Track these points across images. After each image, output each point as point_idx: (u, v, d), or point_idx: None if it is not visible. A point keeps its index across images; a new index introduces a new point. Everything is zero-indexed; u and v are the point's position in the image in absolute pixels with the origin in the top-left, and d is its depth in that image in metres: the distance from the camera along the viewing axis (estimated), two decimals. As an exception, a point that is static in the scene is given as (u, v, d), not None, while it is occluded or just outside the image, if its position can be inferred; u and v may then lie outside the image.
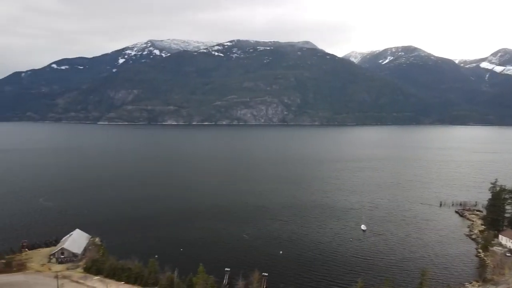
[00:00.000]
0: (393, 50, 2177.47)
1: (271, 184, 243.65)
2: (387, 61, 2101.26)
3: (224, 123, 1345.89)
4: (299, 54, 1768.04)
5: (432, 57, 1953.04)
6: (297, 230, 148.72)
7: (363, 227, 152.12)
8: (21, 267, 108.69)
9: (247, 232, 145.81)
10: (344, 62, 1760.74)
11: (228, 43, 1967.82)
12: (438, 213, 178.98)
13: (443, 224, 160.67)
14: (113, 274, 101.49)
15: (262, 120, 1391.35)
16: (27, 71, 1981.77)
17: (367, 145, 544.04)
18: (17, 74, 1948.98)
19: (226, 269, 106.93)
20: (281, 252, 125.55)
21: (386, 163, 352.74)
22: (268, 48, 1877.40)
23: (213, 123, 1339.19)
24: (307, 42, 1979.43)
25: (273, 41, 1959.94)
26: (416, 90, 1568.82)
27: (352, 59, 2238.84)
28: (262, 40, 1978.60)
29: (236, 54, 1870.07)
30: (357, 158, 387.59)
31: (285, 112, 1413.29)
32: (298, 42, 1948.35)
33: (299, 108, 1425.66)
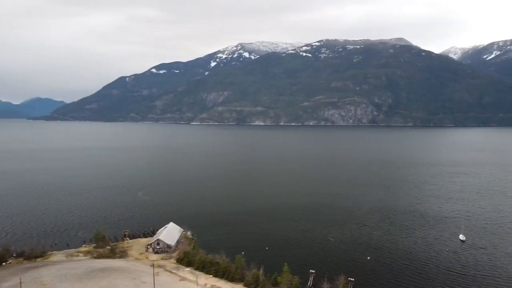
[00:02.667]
0: (500, 44, 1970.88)
1: (357, 186, 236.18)
2: (492, 56, 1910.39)
3: (311, 123, 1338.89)
4: (391, 51, 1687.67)
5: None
6: (385, 237, 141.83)
7: (461, 237, 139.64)
8: (123, 254, 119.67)
9: (332, 235, 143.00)
10: (441, 59, 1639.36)
11: (317, 43, 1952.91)
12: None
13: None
14: (202, 267, 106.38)
15: (351, 121, 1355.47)
16: (130, 75, 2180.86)
17: (468, 149, 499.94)
18: (122, 79, 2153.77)
19: (311, 270, 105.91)
20: (368, 258, 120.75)
21: (489, 168, 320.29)
22: (358, 46, 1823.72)
23: (300, 123, 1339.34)
24: (401, 39, 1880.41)
25: (364, 39, 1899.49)
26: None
27: (451, 55, 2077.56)
28: (352, 39, 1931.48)
29: (324, 54, 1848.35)
30: (456, 162, 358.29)
31: (375, 113, 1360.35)
32: (391, 39, 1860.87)
33: (391, 108, 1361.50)
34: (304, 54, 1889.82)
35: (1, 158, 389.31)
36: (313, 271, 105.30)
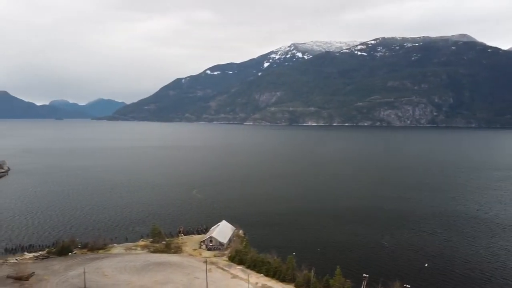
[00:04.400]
0: None
1: (413, 190, 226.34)
2: None
3: (365, 124, 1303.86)
4: (453, 49, 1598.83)
5: None
6: (443, 244, 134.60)
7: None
8: (177, 250, 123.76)
9: (386, 239, 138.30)
10: (510, 55, 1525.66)
11: (372, 42, 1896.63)
12: None
13: None
14: (253, 266, 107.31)
15: (408, 122, 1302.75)
16: (186, 77, 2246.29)
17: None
18: (178, 80, 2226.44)
19: (364, 275, 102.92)
20: (426, 264, 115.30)
21: None
22: (417, 44, 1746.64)
23: (354, 124, 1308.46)
24: (464, 35, 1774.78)
25: (423, 37, 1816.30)
26: None
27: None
28: (410, 36, 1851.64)
29: (380, 53, 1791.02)
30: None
31: (435, 113, 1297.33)
32: (453, 35, 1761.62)
33: (452, 108, 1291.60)
34: (359, 53, 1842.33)
35: (68, 155, 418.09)
36: (367, 276, 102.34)
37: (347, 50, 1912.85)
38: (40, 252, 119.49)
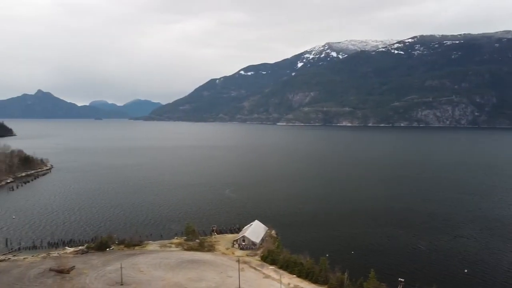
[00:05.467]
0: None
1: (452, 193, 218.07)
2: None
3: (402, 125, 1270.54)
4: (496, 46, 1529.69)
5: None
6: (485, 250, 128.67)
7: None
8: (210, 248, 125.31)
9: (422, 243, 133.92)
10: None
11: (410, 40, 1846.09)
12: None
13: None
14: (286, 266, 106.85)
15: (447, 122, 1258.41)
16: (220, 78, 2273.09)
17: None
18: (212, 81, 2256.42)
19: (400, 279, 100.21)
20: (466, 270, 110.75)
21: None
22: (457, 42, 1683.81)
23: (390, 124, 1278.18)
24: (508, 32, 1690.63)
25: (464, 34, 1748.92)
26: None
27: None
28: (450, 34, 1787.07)
29: (418, 51, 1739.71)
30: None
31: (476, 113, 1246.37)
32: (496, 32, 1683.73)
33: (495, 108, 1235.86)
34: (396, 51, 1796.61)
35: (107, 154, 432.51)
36: (402, 280, 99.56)
37: (383, 49, 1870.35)
38: (80, 247, 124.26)
